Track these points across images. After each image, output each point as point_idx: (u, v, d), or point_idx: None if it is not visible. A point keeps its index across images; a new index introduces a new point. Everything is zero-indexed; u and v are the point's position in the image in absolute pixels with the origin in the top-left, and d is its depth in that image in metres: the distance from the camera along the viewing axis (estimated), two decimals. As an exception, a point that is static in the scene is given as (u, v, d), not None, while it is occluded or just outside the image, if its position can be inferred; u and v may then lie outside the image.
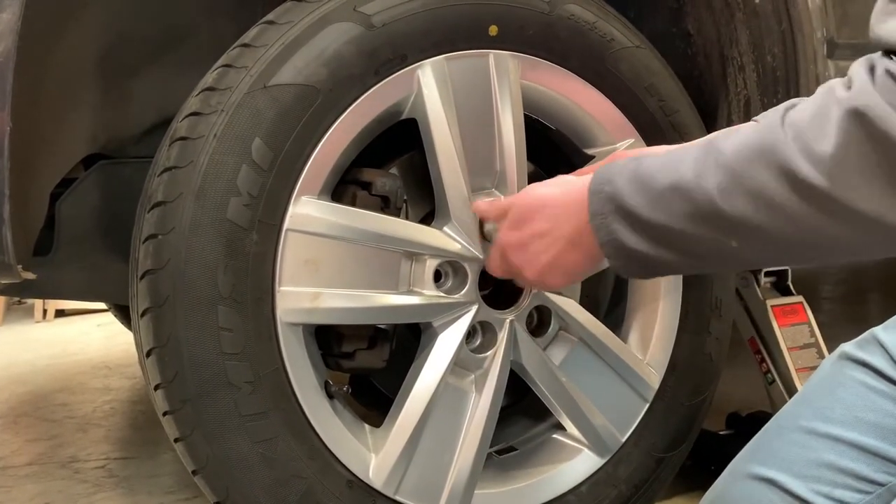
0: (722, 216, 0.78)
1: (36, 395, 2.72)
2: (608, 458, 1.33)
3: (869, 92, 0.70)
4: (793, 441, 0.84)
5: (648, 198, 0.84)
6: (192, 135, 1.07)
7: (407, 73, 1.16)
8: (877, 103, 0.69)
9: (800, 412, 0.86)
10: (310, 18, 1.11)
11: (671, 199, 0.82)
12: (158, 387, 1.08)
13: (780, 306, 1.62)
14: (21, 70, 0.99)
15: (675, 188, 0.81)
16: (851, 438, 0.82)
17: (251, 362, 1.08)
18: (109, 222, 1.40)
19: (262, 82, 1.08)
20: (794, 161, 0.73)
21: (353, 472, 1.15)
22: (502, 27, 1.21)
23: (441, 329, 1.20)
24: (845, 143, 0.71)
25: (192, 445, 1.08)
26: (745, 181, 0.76)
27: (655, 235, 0.84)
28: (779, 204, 0.75)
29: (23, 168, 1.04)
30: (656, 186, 0.83)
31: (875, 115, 0.69)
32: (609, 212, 0.87)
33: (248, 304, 1.07)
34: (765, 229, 0.77)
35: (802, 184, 0.73)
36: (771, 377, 1.61)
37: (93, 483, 1.88)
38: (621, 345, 1.35)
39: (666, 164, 0.84)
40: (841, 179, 0.71)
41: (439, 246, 1.18)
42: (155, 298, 1.06)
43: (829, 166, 0.72)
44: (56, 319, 4.35)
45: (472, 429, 1.22)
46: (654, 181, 0.84)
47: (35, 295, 2.25)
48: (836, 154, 0.71)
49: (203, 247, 1.05)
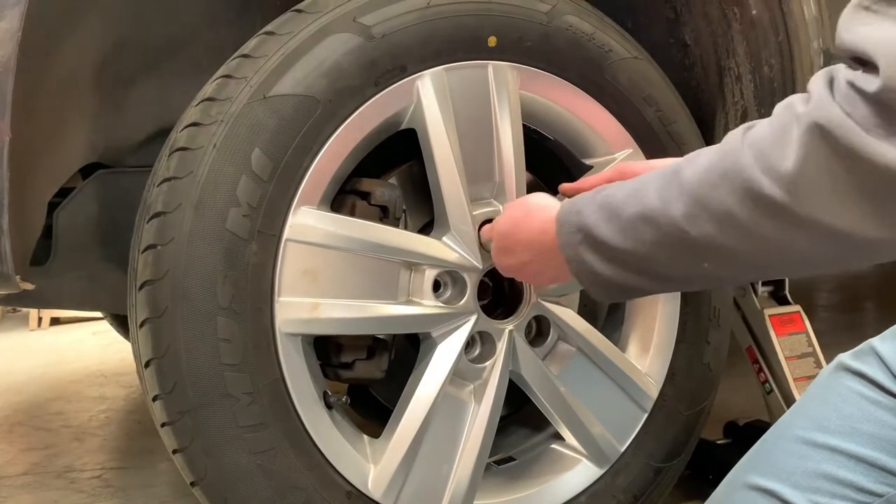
0: (691, 241, 0.78)
1: (31, 403, 2.71)
2: (607, 468, 1.33)
3: (828, 105, 0.69)
4: (791, 451, 0.84)
5: (617, 227, 0.84)
6: (191, 145, 1.07)
7: (406, 83, 1.16)
8: (837, 116, 0.68)
9: (797, 422, 0.86)
10: (309, 29, 1.11)
11: (640, 228, 0.82)
12: (157, 398, 1.08)
13: (777, 316, 1.63)
14: (21, 78, 0.99)
15: (643, 217, 0.82)
16: (849, 449, 0.82)
17: (250, 373, 1.08)
18: (107, 231, 1.39)
19: (262, 93, 1.08)
20: (758, 181, 0.72)
21: (351, 483, 1.15)
22: (501, 38, 1.21)
23: (440, 339, 1.20)
24: (807, 159, 0.70)
25: (190, 457, 1.08)
26: (709, 206, 0.76)
27: (627, 262, 0.85)
28: (745, 225, 0.74)
29: (21, 177, 1.04)
30: (624, 215, 0.83)
31: (835, 128, 0.68)
32: (578, 242, 0.88)
33: (247, 315, 1.07)
34: (735, 250, 0.77)
35: (767, 203, 0.72)
36: (769, 387, 1.61)
37: (89, 493, 1.87)
38: (620, 354, 1.35)
39: (632, 194, 0.84)
40: (805, 196, 0.70)
41: (438, 256, 1.18)
42: (154, 309, 1.06)
43: (792, 183, 0.71)
44: (51, 328, 4.35)
45: (471, 439, 1.22)
46: (622, 210, 0.84)
47: (32, 304, 2.23)
48: (798, 170, 0.70)
49: (202, 257, 1.05)
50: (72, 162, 1.33)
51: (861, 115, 0.67)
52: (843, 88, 0.68)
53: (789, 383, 1.57)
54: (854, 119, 0.68)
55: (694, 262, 0.80)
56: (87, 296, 1.54)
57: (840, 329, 3.29)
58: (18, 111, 0.99)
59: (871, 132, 0.67)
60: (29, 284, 1.07)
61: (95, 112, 1.34)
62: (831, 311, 3.74)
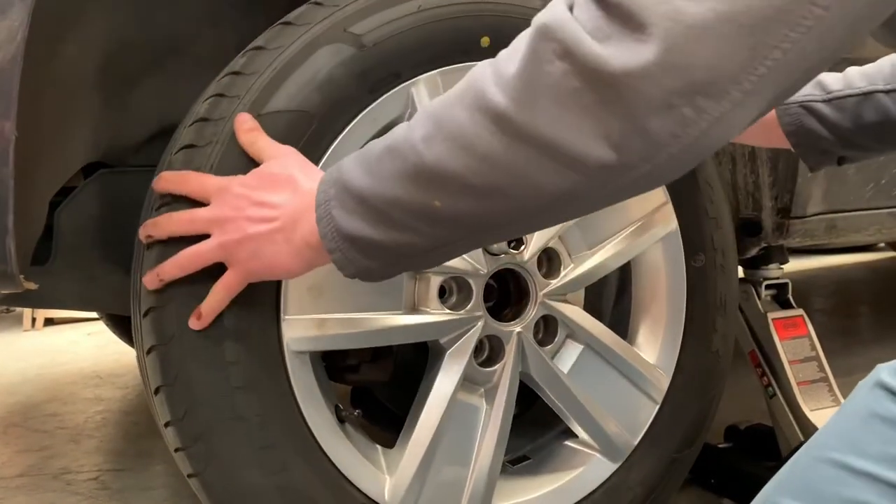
0: (424, 168, 0.74)
1: (26, 405, 2.70)
2: (621, 462, 1.33)
3: (559, 6, 0.67)
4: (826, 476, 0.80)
5: (365, 166, 0.80)
6: (188, 168, 1.05)
7: (401, 90, 1.14)
8: (562, 15, 0.66)
9: (833, 444, 0.81)
10: (300, 42, 1.09)
11: (383, 161, 0.78)
12: (169, 424, 1.07)
13: (780, 319, 1.62)
14: (26, 77, 0.97)
15: (389, 149, 0.78)
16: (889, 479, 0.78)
17: (260, 394, 1.07)
18: (108, 231, 1.38)
19: (256, 111, 1.06)
20: (487, 89, 0.70)
21: (368, 495, 1.14)
22: (494, 38, 1.19)
23: (448, 346, 1.19)
24: (529, 61, 0.67)
25: (206, 481, 1.07)
26: (445, 124, 0.73)
27: (369, 209, 0.79)
28: (471, 141, 0.71)
29: (24, 176, 1.02)
30: (373, 153, 0.80)
31: (558, 28, 0.66)
32: (332, 196, 0.83)
33: (255, 336, 1.06)
34: (463, 177, 0.73)
35: (491, 112, 0.69)
36: (772, 391, 1.61)
37: (86, 495, 1.87)
38: (628, 348, 1.34)
39: (388, 134, 0.81)
40: (525, 102, 0.67)
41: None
42: (160, 336, 1.04)
43: (513, 88, 0.68)
44: (45, 328, 4.32)
45: (486, 443, 1.22)
46: (373, 148, 0.81)
47: (31, 304, 2.21)
48: (519, 74, 0.68)
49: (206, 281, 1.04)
50: (74, 161, 1.32)
51: (586, 16, 0.65)
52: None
53: (793, 387, 1.57)
54: (578, 20, 0.65)
55: (427, 197, 0.76)
56: (88, 296, 1.53)
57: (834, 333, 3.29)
58: (23, 110, 0.97)
59: (591, 33, 0.65)
60: (32, 284, 1.06)
61: (98, 111, 1.32)
62: (826, 314, 3.75)
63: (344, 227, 0.82)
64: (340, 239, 0.83)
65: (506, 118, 0.69)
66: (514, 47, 0.71)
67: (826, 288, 4.49)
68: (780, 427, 1.61)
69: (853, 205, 1.60)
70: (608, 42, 0.64)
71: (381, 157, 0.79)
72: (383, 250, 0.82)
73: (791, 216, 1.52)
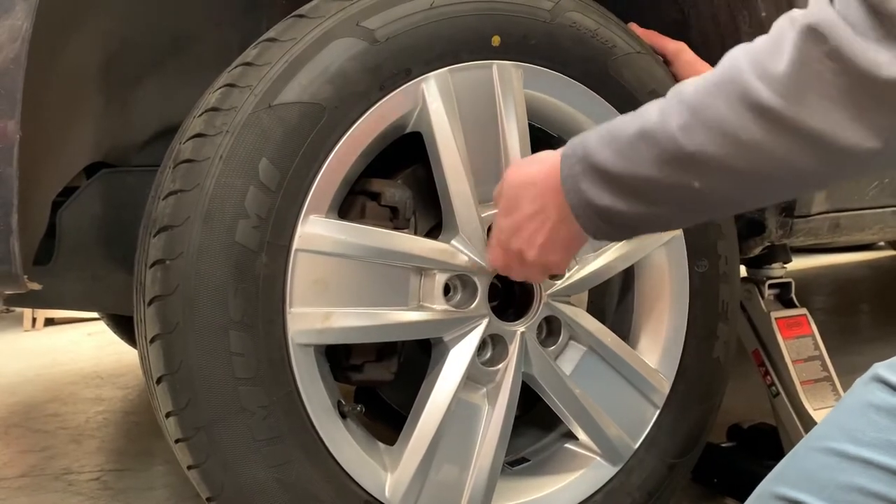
0: (684, 154, 0.79)
1: (27, 405, 2.68)
2: (621, 465, 1.32)
3: (825, 8, 0.70)
4: (823, 464, 0.82)
5: (615, 148, 0.85)
6: (197, 157, 1.06)
7: (411, 86, 1.14)
8: (831, 17, 0.69)
9: (830, 434, 0.84)
10: (313, 35, 1.09)
11: (637, 146, 0.83)
12: (170, 414, 1.07)
13: (783, 318, 1.61)
14: (30, 77, 0.97)
15: (641, 134, 0.83)
16: (883, 463, 0.80)
17: (264, 386, 1.06)
18: (111, 231, 1.38)
19: (267, 101, 1.06)
20: (750, 84, 0.74)
21: (369, 492, 1.14)
22: (505, 37, 1.20)
23: (452, 343, 1.19)
24: (798, 61, 0.71)
25: (206, 473, 1.07)
26: (704, 114, 0.77)
27: (622, 187, 0.85)
28: (734, 131, 0.75)
29: (28, 176, 1.02)
30: (623, 136, 0.85)
31: (828, 30, 0.69)
32: (579, 172, 0.88)
33: (260, 328, 1.06)
34: (723, 162, 0.77)
35: (757, 106, 0.73)
36: (775, 390, 1.60)
37: (87, 496, 1.86)
38: (631, 352, 1.34)
39: (635, 115, 0.85)
40: (795, 98, 0.72)
41: (447, 260, 1.17)
42: (164, 325, 1.04)
43: (782, 86, 0.72)
44: (45, 328, 4.30)
45: (487, 442, 1.21)
46: (622, 132, 0.85)
47: (33, 304, 2.21)
48: (788, 72, 0.72)
49: (212, 271, 1.04)
50: (77, 161, 1.32)
51: (855, 18, 0.69)
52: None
53: (796, 386, 1.56)
54: (848, 21, 0.69)
55: (685, 180, 0.81)
56: (90, 296, 1.53)
57: (835, 331, 3.29)
58: (27, 110, 0.97)
59: (863, 35, 0.68)
60: (36, 285, 1.06)
61: (101, 111, 1.32)
62: (827, 313, 3.75)
63: (594, 200, 0.88)
64: (590, 210, 0.89)
65: (773, 112, 0.73)
66: (775, 43, 0.74)
67: (826, 286, 4.49)
68: (783, 426, 1.60)
69: (857, 204, 1.60)
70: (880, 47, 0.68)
71: (634, 142, 0.83)
72: (627, 219, 0.88)
73: (795, 215, 1.52)
